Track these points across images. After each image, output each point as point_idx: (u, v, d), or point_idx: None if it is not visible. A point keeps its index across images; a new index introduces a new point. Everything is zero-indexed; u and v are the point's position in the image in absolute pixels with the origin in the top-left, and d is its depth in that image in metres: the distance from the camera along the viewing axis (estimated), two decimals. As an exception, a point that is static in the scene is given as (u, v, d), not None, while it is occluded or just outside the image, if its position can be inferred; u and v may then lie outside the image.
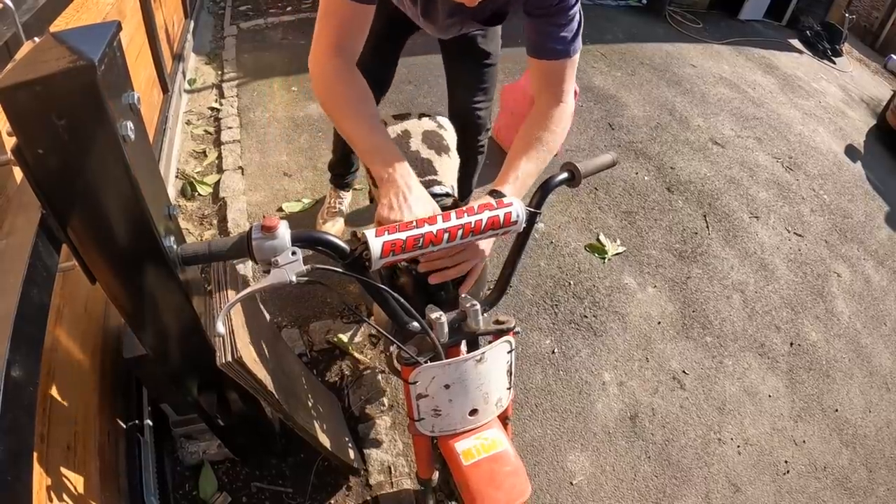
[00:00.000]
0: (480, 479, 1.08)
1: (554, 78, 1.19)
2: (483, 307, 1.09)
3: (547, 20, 1.14)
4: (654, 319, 2.32)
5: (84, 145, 0.72)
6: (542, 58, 1.18)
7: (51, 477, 1.18)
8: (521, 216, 0.98)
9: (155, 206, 0.88)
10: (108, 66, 0.70)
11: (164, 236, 0.90)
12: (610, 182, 3.00)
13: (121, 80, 0.78)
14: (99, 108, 0.69)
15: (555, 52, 1.16)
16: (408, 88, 3.55)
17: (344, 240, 0.93)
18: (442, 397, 1.09)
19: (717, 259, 2.67)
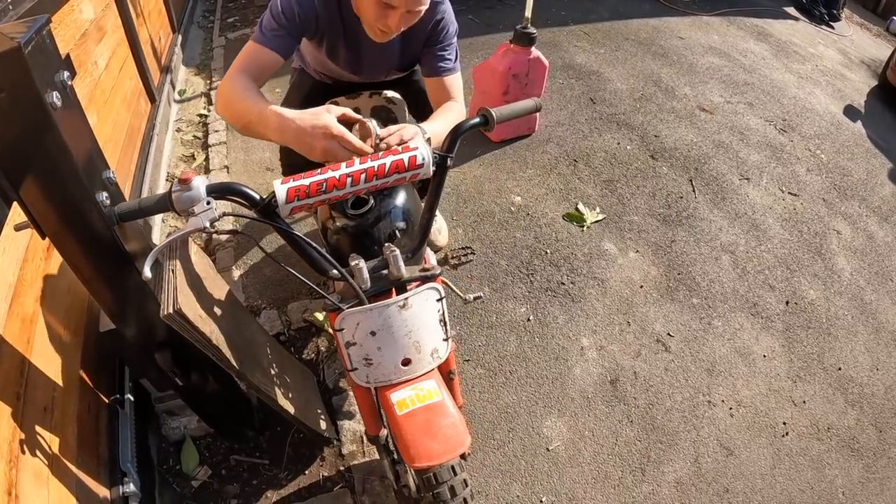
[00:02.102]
0: (415, 428, 1.08)
1: (448, 90, 1.52)
2: (405, 255, 1.10)
3: (438, 48, 1.50)
4: (636, 284, 2.29)
5: (20, 112, 0.89)
6: (437, 75, 1.52)
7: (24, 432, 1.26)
8: (426, 159, 0.98)
9: (89, 170, 1.02)
10: (35, 48, 0.86)
11: (97, 194, 1.02)
12: (590, 153, 2.98)
13: (50, 60, 0.93)
14: (28, 81, 0.85)
15: (446, 70, 1.51)
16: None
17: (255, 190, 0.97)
18: (370, 345, 1.10)
19: (704, 221, 2.63)
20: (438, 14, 1.46)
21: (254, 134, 1.22)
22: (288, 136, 1.10)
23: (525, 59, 2.76)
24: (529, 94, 2.92)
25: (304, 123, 1.07)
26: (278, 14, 1.34)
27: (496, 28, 4.18)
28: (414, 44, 1.53)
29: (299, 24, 1.36)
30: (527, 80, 2.85)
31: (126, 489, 1.54)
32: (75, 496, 1.37)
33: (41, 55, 0.88)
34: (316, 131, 1.06)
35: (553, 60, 3.80)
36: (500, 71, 2.78)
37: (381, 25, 1.30)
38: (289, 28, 1.35)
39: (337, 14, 1.44)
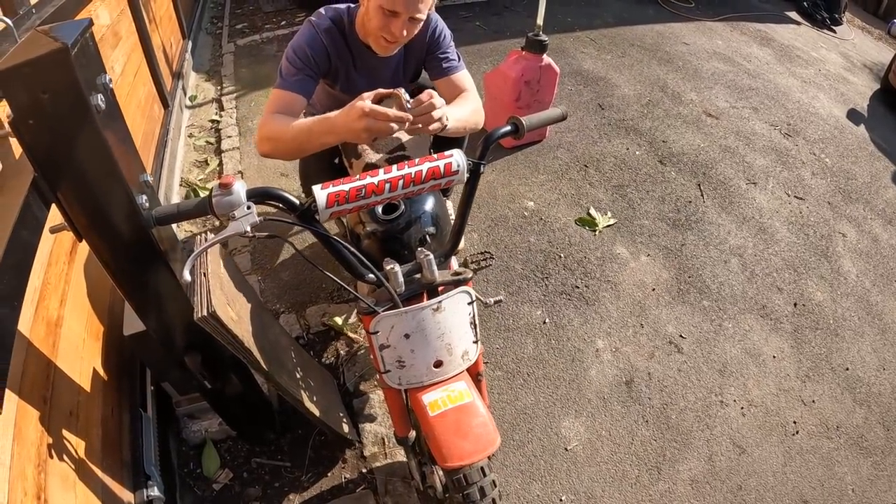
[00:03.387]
0: (447, 429, 1.10)
1: (459, 84, 1.60)
2: (437, 258, 1.13)
3: (440, 52, 1.61)
4: (647, 286, 2.32)
5: (64, 113, 0.89)
6: (446, 75, 1.61)
7: (52, 436, 1.27)
8: (461, 165, 1.01)
9: (129, 172, 1.03)
10: (80, 50, 0.87)
11: (137, 196, 1.03)
12: (600, 159, 3.01)
13: (93, 62, 0.94)
14: (74, 83, 0.85)
15: (453, 68, 1.61)
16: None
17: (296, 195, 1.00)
18: (404, 347, 1.12)
19: (713, 225, 2.66)
20: (432, 23, 1.59)
21: (308, 151, 1.37)
22: (339, 131, 1.22)
23: (537, 66, 2.80)
24: (541, 101, 2.95)
25: (345, 112, 1.19)
26: (294, 59, 1.47)
27: (504, 34, 4.22)
28: (416, 55, 1.65)
29: (315, 64, 1.49)
30: (538, 86, 2.88)
31: (150, 493, 1.55)
32: (101, 500, 1.38)
33: (85, 57, 0.89)
34: (355, 114, 1.16)
35: (561, 67, 3.81)
36: (513, 77, 2.81)
37: (386, 34, 1.41)
38: (306, 70, 1.48)
39: (343, 44, 1.57)
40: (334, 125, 1.22)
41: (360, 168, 1.63)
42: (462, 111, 1.46)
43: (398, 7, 1.35)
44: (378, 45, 1.49)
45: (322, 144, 1.30)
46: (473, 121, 1.53)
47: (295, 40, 1.50)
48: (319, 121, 1.27)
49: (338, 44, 1.56)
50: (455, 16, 4.60)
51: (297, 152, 1.38)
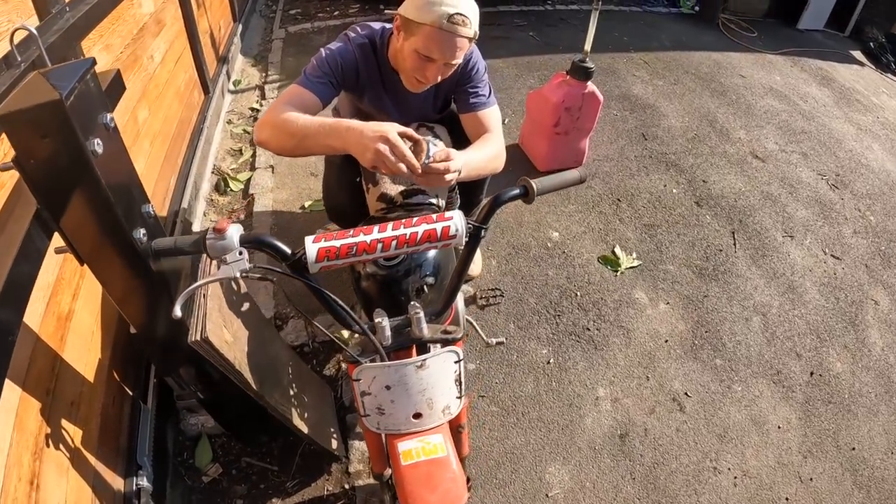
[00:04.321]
0: (416, 480, 1.11)
1: (484, 123, 1.57)
2: (428, 316, 1.12)
3: (470, 86, 1.59)
4: (661, 337, 2.27)
5: (62, 158, 0.94)
6: (473, 111, 1.58)
7: (51, 427, 1.33)
8: (460, 230, 0.99)
9: (128, 208, 1.08)
10: (78, 97, 0.91)
11: (134, 232, 1.09)
12: (635, 193, 2.94)
13: (94, 104, 0.99)
14: (70, 131, 0.90)
15: (481, 105, 1.58)
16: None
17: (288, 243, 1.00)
18: (384, 397, 1.13)
19: (741, 279, 2.57)
20: (467, 55, 1.52)
21: (306, 147, 1.31)
22: (349, 138, 1.19)
23: (579, 93, 2.74)
24: (581, 128, 2.90)
25: (366, 126, 1.17)
26: (322, 62, 1.47)
27: (556, 48, 4.15)
28: (447, 86, 1.61)
29: (341, 74, 1.49)
30: (579, 113, 2.82)
31: (140, 482, 1.61)
32: (92, 487, 1.44)
33: (83, 103, 0.93)
34: (374, 134, 1.15)
35: (609, 89, 3.75)
36: (554, 102, 2.77)
37: (419, 76, 1.42)
38: (331, 76, 1.47)
39: (374, 64, 1.56)
40: (347, 132, 1.19)
41: (375, 195, 1.64)
42: (479, 156, 1.44)
43: (434, 54, 1.35)
44: (409, 83, 1.49)
45: (324, 146, 1.27)
46: (491, 167, 1.51)
47: (328, 47, 1.51)
48: (333, 123, 1.24)
49: (369, 62, 1.56)
50: (510, 23, 4.54)
51: (295, 147, 1.33)
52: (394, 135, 1.14)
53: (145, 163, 2.07)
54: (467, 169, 1.36)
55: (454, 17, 1.30)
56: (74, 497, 1.36)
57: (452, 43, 1.34)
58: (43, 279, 1.39)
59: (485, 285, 2.41)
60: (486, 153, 1.48)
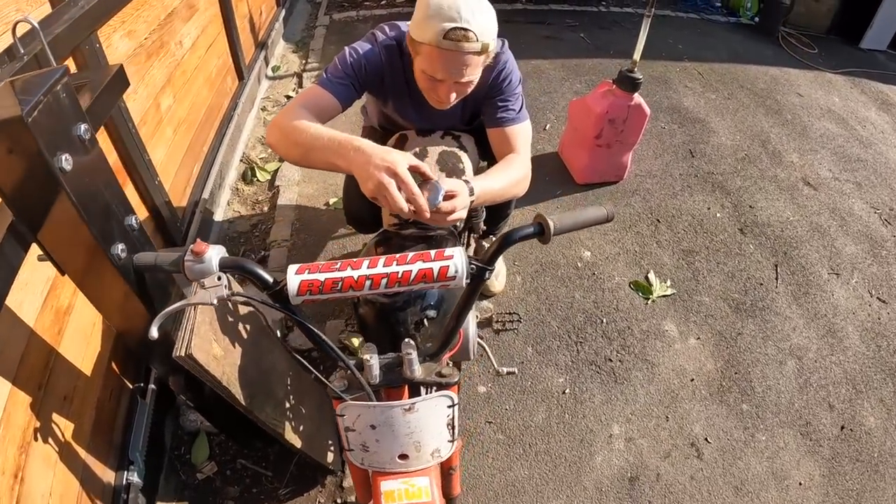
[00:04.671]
0: None
1: (511, 141, 1.47)
2: (422, 357, 1.04)
3: (499, 98, 1.47)
4: (687, 375, 2.13)
5: (29, 173, 0.89)
6: (500, 126, 1.47)
7: (40, 420, 1.30)
8: (460, 271, 0.89)
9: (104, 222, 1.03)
10: (43, 111, 0.85)
11: (112, 248, 1.03)
12: (675, 215, 2.78)
13: (64, 117, 0.92)
14: (34, 147, 0.84)
15: (509, 121, 1.47)
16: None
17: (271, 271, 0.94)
18: (369, 435, 1.06)
19: (779, 317, 2.39)
20: (500, 65, 1.44)
21: (311, 160, 1.22)
22: (354, 161, 1.08)
23: (625, 105, 2.59)
24: (624, 142, 2.76)
25: (375, 152, 1.07)
26: (345, 64, 1.38)
27: (607, 52, 3.97)
28: (476, 97, 1.48)
29: (364, 77, 1.40)
30: (623, 126, 2.68)
31: (130, 477, 1.59)
32: (80, 480, 1.42)
33: (50, 117, 0.87)
34: (382, 163, 1.04)
35: (658, 99, 3.57)
36: (597, 113, 2.63)
37: (434, 96, 1.35)
38: (353, 78, 1.39)
39: (400, 68, 1.46)
40: (354, 153, 1.09)
41: (387, 213, 1.56)
42: (498, 183, 1.33)
43: (439, 74, 1.26)
44: (431, 101, 1.40)
45: (329, 164, 1.17)
46: (511, 193, 1.40)
47: (353, 46, 1.41)
48: (342, 140, 1.14)
49: (394, 66, 1.46)
50: (560, 22, 4.38)
51: (300, 158, 1.24)
52: (403, 168, 1.04)
53: (166, 151, 2.04)
54: (483, 197, 1.27)
55: (452, 32, 1.17)
56: (61, 490, 1.35)
57: (456, 60, 1.22)
58: (43, 274, 1.36)
59: (503, 307, 2.31)
60: (507, 178, 1.37)
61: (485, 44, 1.21)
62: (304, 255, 2.48)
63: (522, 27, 4.35)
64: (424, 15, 1.20)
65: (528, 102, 3.39)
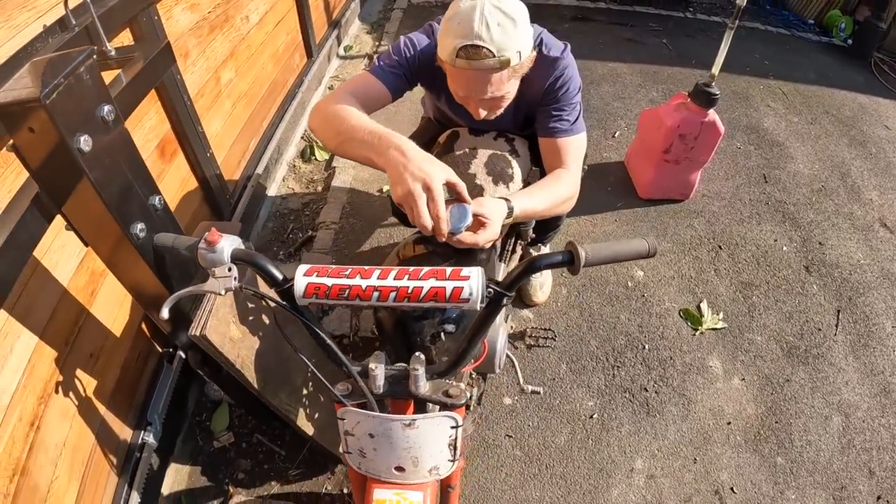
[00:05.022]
0: None
1: (561, 154, 1.38)
2: (429, 374, 0.99)
3: (554, 107, 1.37)
4: (724, 417, 1.99)
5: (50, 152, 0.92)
6: (551, 137, 1.38)
7: (63, 375, 1.35)
8: (475, 294, 0.83)
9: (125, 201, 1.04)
10: (63, 93, 0.86)
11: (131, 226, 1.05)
12: (739, 243, 2.60)
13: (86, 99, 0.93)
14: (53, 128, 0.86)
15: (562, 132, 1.37)
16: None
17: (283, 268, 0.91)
18: (367, 443, 1.03)
19: (833, 368, 2.20)
20: (557, 71, 1.35)
21: (348, 151, 1.17)
22: (390, 161, 1.03)
23: (698, 121, 2.44)
24: (694, 159, 2.60)
25: (415, 158, 1.01)
26: (399, 52, 1.34)
27: (688, 61, 3.76)
28: (530, 101, 1.41)
29: (417, 69, 1.35)
30: (695, 143, 2.52)
31: (146, 437, 1.63)
32: (96, 434, 1.46)
33: (70, 98, 0.88)
34: (418, 172, 0.99)
35: (736, 117, 3.36)
36: (668, 126, 2.48)
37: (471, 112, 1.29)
38: (405, 69, 1.34)
39: None
40: (393, 154, 1.03)
41: None
42: (540, 201, 1.26)
43: (461, 92, 1.22)
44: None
45: (364, 157, 1.12)
46: (554, 213, 1.34)
47: (409, 36, 1.37)
48: (382, 135, 1.07)
49: None
50: (644, 26, 4.18)
51: (337, 147, 1.20)
52: (438, 184, 0.98)
53: (222, 124, 2.07)
54: (523, 216, 1.22)
55: (463, 50, 1.11)
56: (75, 441, 1.39)
57: (474, 78, 1.16)
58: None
59: (543, 319, 2.23)
60: (551, 197, 1.30)
61: (504, 59, 1.12)
62: (350, 239, 2.48)
63: (603, 27, 4.18)
64: (443, 31, 1.16)
65: (599, 106, 3.29)
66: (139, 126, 1.55)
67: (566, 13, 4.25)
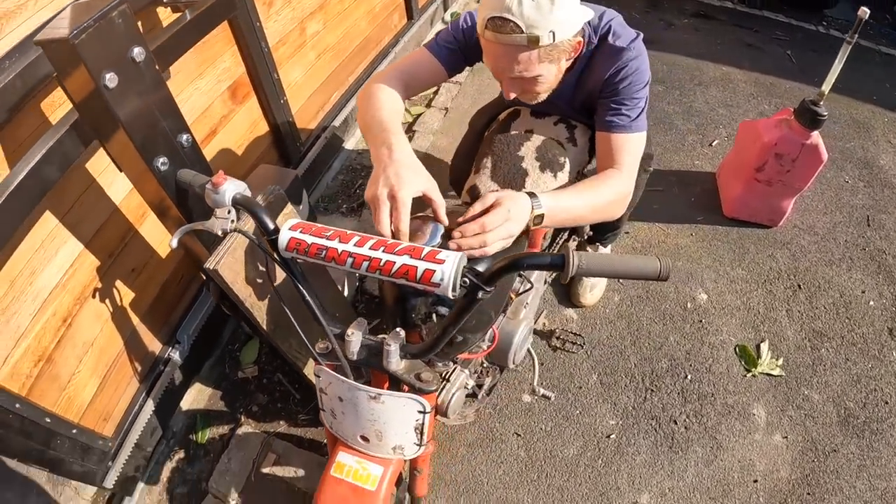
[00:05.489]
0: (330, 495, 1.06)
1: (615, 151, 1.28)
2: (403, 353, 0.97)
3: (613, 100, 1.28)
4: (753, 473, 1.80)
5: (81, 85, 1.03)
6: (606, 131, 1.29)
7: (102, 283, 1.47)
8: (446, 280, 0.79)
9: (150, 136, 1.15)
10: (92, 35, 0.95)
11: (154, 160, 1.16)
12: (822, 286, 2.33)
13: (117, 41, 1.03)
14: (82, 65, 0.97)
15: (618, 127, 1.27)
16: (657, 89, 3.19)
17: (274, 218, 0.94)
18: (336, 405, 1.05)
19: (890, 450, 1.90)
20: (621, 62, 1.26)
21: (366, 137, 1.18)
22: (376, 158, 1.02)
23: (798, 142, 2.19)
24: (789, 184, 2.35)
25: (395, 163, 0.98)
26: (458, 30, 1.33)
27: (811, 78, 3.37)
28: (590, 88, 1.35)
29: (474, 44, 1.29)
30: (791, 165, 2.27)
31: (172, 354, 1.75)
32: (125, 341, 1.58)
33: (100, 40, 0.97)
34: (391, 178, 0.96)
35: (850, 148, 3.00)
36: (764, 142, 2.26)
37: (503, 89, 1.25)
38: (463, 47, 1.33)
39: None
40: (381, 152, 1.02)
41: (469, 184, 1.48)
42: (579, 204, 1.17)
43: (490, 66, 1.18)
44: None
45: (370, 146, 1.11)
46: (597, 217, 1.25)
47: (471, 12, 1.34)
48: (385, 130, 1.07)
49: None
50: (768, 33, 3.80)
51: (361, 129, 1.22)
52: (405, 194, 0.94)
53: (303, 74, 2.11)
54: (556, 218, 1.12)
55: (491, 21, 1.05)
56: (103, 343, 1.51)
57: (501, 53, 1.10)
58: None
59: (586, 322, 2.14)
60: (592, 199, 1.20)
61: (532, 37, 1.05)
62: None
63: (724, 27, 3.84)
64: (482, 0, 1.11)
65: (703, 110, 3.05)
66: (212, 66, 1.62)
67: (688, 7, 3.94)
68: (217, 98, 1.66)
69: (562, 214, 1.14)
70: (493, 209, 1.02)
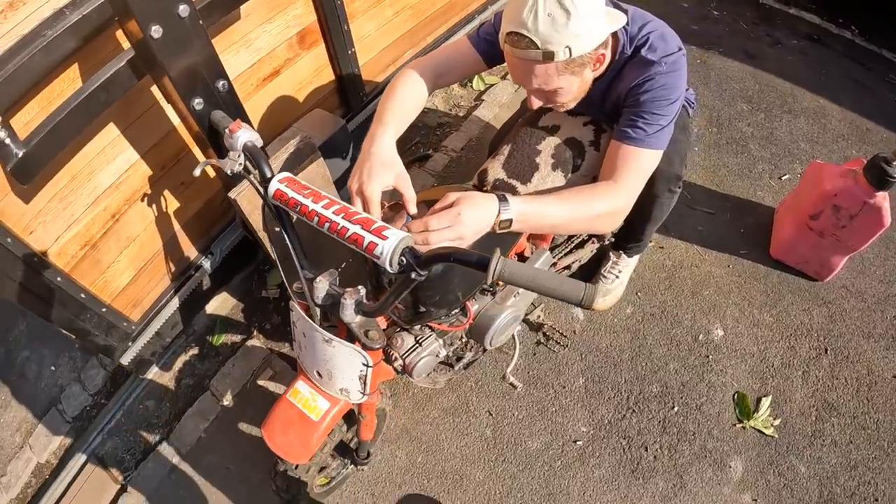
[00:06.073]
0: (281, 416, 1.23)
1: (619, 162, 1.26)
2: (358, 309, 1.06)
3: (632, 112, 1.27)
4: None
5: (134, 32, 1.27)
6: (617, 140, 1.28)
7: (153, 190, 1.67)
8: (384, 255, 0.89)
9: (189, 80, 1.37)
10: None
11: (191, 100, 1.38)
12: (853, 357, 2.18)
13: None
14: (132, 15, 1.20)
15: (629, 139, 1.26)
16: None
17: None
18: (301, 340, 1.19)
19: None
20: (648, 75, 1.26)
21: None
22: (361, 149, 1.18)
23: (860, 199, 2.02)
24: (843, 240, 2.20)
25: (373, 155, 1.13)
26: (499, 22, 1.31)
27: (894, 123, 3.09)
28: (618, 94, 1.37)
29: None
30: (849, 222, 2.11)
31: (204, 263, 1.95)
32: (164, 241, 1.79)
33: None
34: (364, 171, 1.11)
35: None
36: (824, 189, 2.10)
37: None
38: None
39: None
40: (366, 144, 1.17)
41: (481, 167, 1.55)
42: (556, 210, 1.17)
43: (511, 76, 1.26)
44: None
45: None
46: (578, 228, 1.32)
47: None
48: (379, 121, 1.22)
49: None
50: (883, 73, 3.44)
51: None
52: (373, 193, 1.08)
53: (377, 29, 2.20)
54: (527, 224, 1.14)
55: (508, 36, 1.11)
56: (144, 240, 1.72)
57: (518, 66, 1.16)
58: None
59: (592, 325, 2.15)
60: (577, 209, 1.19)
61: (547, 52, 1.08)
62: (455, 171, 2.56)
63: (835, 57, 3.49)
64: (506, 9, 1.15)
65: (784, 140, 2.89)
66: (283, 13, 1.75)
67: (802, 29, 3.62)
68: (284, 42, 1.78)
69: (536, 220, 1.15)
70: (444, 211, 1.05)
